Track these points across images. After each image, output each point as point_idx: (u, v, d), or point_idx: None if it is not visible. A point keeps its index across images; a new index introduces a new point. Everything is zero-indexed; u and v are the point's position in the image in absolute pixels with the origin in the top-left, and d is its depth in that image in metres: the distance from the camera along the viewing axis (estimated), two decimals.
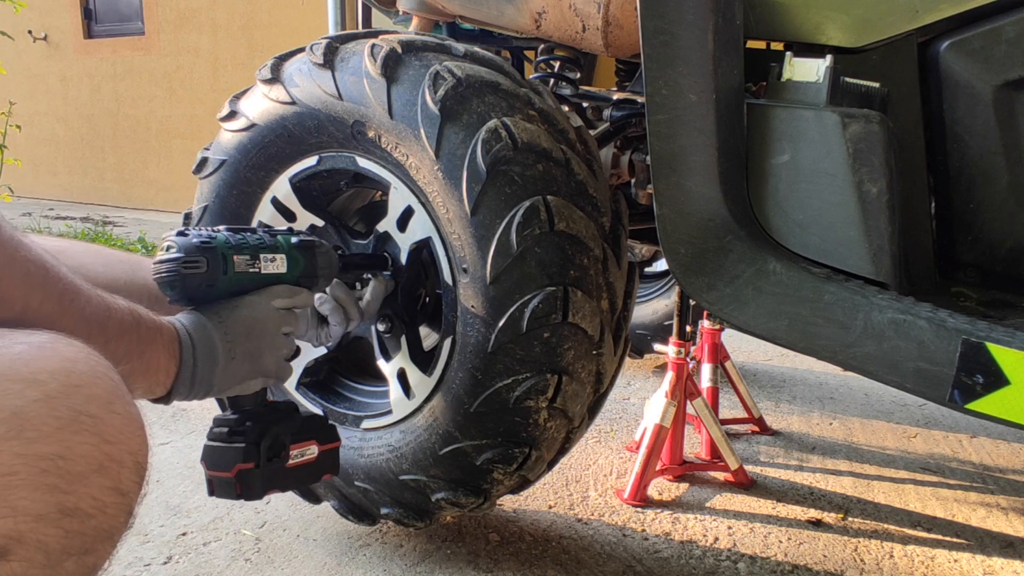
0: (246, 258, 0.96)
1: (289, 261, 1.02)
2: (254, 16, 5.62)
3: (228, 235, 0.96)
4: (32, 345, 0.61)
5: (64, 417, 0.59)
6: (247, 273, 0.96)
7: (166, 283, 0.90)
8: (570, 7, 1.35)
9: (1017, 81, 1.02)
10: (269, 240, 1.01)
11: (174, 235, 0.92)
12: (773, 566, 1.44)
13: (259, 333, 0.94)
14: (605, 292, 1.21)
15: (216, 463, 0.95)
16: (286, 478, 1.00)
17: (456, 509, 1.28)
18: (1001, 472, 1.87)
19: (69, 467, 0.59)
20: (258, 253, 0.98)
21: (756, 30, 1.12)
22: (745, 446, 1.97)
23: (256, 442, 0.95)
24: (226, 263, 0.93)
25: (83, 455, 0.60)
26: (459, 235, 1.16)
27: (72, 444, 0.59)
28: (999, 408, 0.92)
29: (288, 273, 1.01)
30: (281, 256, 1.01)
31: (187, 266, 0.89)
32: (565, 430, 1.25)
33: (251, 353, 0.93)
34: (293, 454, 0.99)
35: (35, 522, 0.57)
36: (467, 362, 1.18)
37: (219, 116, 1.41)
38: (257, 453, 0.95)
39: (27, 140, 6.26)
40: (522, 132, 1.15)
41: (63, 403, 0.59)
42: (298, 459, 1.00)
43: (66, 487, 0.59)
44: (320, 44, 1.26)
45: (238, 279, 0.95)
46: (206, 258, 0.91)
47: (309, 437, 1.03)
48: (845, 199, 1.04)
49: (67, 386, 0.60)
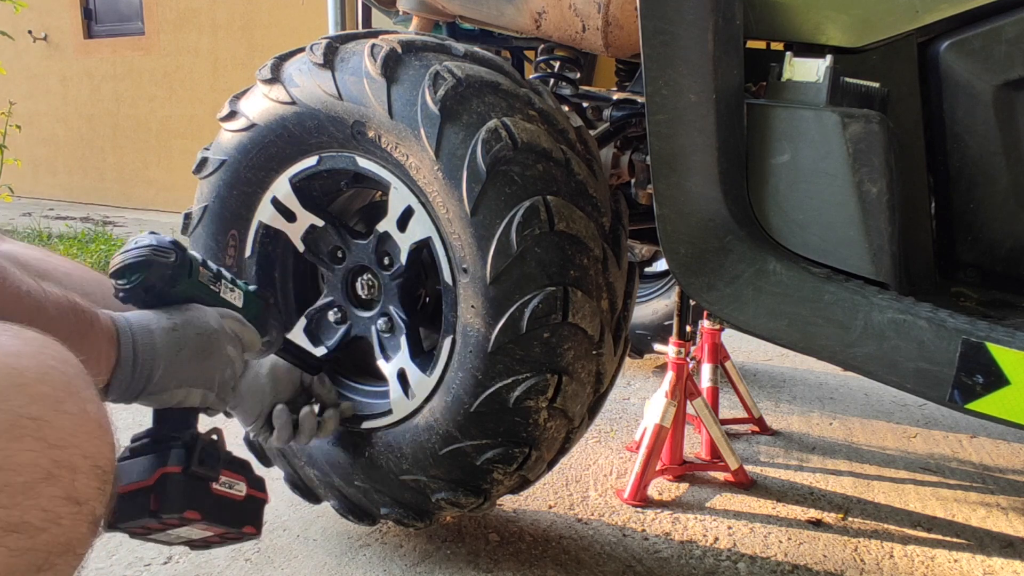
0: (210, 275, 0.97)
1: (246, 300, 1.03)
2: (254, 16, 5.62)
3: (196, 253, 0.97)
4: None
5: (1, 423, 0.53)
6: (207, 287, 0.96)
7: (130, 266, 0.87)
8: (570, 7, 1.35)
9: (1017, 81, 1.02)
10: (231, 276, 1.02)
11: (146, 233, 0.94)
12: (773, 566, 1.44)
13: (209, 337, 0.89)
14: (605, 292, 1.21)
15: (129, 476, 0.83)
16: (209, 502, 0.87)
17: (456, 509, 1.28)
18: (1001, 472, 1.86)
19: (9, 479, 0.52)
20: (220, 278, 0.99)
21: (756, 30, 1.12)
22: (745, 446, 1.97)
23: (189, 445, 0.86)
24: (192, 267, 0.93)
25: (26, 464, 0.53)
26: (459, 235, 1.16)
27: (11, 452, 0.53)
28: (999, 408, 0.92)
29: (244, 310, 1.01)
30: (240, 292, 1.02)
31: (157, 253, 0.89)
32: (565, 430, 1.25)
33: (198, 354, 0.87)
34: (222, 480, 0.89)
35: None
36: (467, 362, 1.18)
37: (219, 116, 1.41)
38: (188, 457, 0.85)
39: (27, 140, 6.26)
40: (522, 132, 1.15)
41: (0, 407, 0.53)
42: (225, 488, 0.90)
43: (7, 501, 0.52)
44: (320, 44, 1.26)
45: (198, 287, 0.94)
46: (176, 253, 0.91)
47: (240, 473, 0.93)
48: (845, 199, 1.04)
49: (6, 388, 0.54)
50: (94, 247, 4.20)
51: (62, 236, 4.59)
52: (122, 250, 0.91)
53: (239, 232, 1.42)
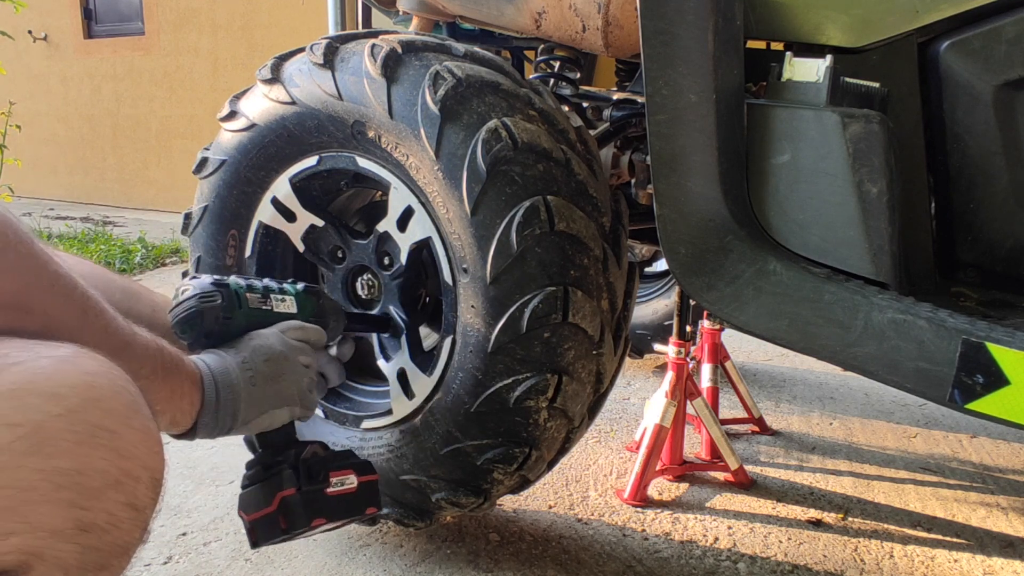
0: (258, 296, 0.99)
1: (299, 303, 1.05)
2: (254, 16, 5.62)
3: (237, 278, 0.99)
4: (54, 359, 0.61)
5: (82, 432, 0.59)
6: (260, 309, 0.99)
7: (185, 321, 0.92)
8: (570, 7, 1.35)
9: (1017, 81, 1.02)
10: (277, 286, 1.04)
11: (185, 281, 0.96)
12: (773, 566, 1.44)
13: (277, 359, 0.95)
14: (605, 292, 1.21)
15: (254, 503, 0.94)
16: (328, 505, 0.98)
17: (456, 509, 1.28)
18: (1001, 472, 1.86)
19: (86, 482, 0.59)
20: (268, 293, 1.01)
21: (756, 30, 1.12)
22: (745, 446, 1.97)
23: (294, 465, 0.95)
24: (239, 298, 0.96)
25: (100, 470, 0.60)
26: (459, 235, 1.16)
27: (90, 459, 0.59)
28: (999, 408, 0.92)
29: (299, 313, 1.04)
30: (291, 298, 1.04)
31: (204, 300, 0.92)
32: (565, 430, 1.25)
33: (271, 379, 0.93)
34: (333, 481, 0.98)
35: (53, 538, 0.57)
36: (467, 362, 1.18)
37: (219, 116, 1.41)
38: (297, 477, 0.94)
39: (27, 140, 6.26)
40: (522, 132, 1.15)
41: (82, 418, 0.59)
42: (338, 487, 0.99)
43: (83, 503, 0.58)
44: (320, 44, 1.26)
45: (252, 314, 0.97)
46: (221, 292, 0.94)
47: (347, 467, 1.02)
48: (845, 199, 1.04)
49: (86, 400, 0.60)
50: (94, 247, 4.20)
51: (62, 236, 4.59)
52: (173, 304, 0.94)
53: (239, 232, 1.42)
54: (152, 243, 4.42)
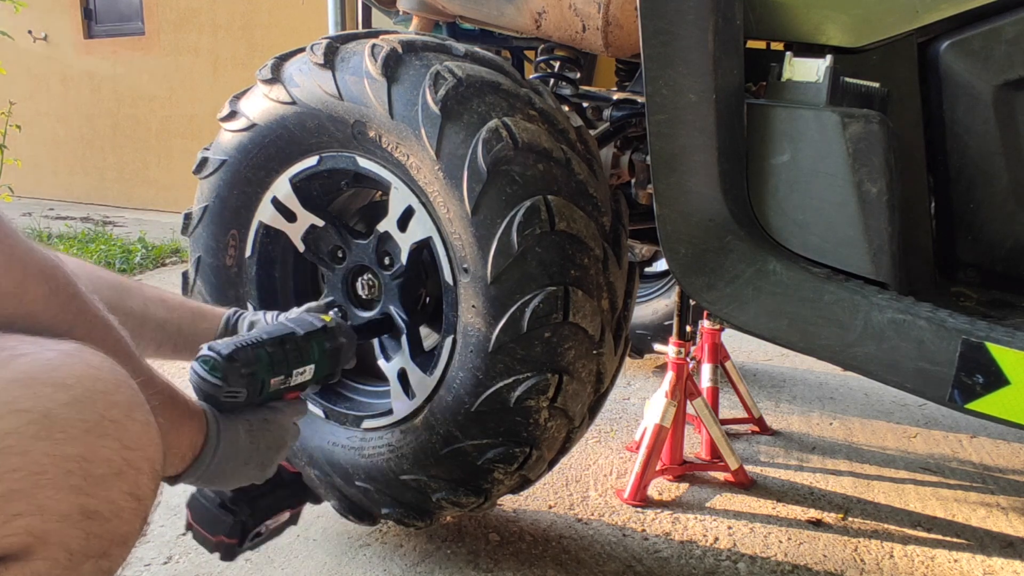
0: (281, 379, 0.98)
1: (317, 369, 1.04)
2: (254, 16, 5.62)
3: (271, 354, 0.96)
4: (60, 352, 0.63)
5: (90, 421, 0.60)
6: (278, 391, 0.99)
7: (204, 398, 0.92)
8: (570, 7, 1.35)
9: (1017, 81, 1.02)
10: (304, 352, 1.02)
11: (216, 353, 0.92)
12: (773, 566, 1.44)
13: (279, 446, 0.97)
14: (605, 292, 1.21)
15: (201, 519, 0.97)
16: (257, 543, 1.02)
17: (457, 509, 1.28)
18: (1001, 472, 1.87)
19: (93, 470, 0.60)
20: (292, 369, 1.00)
21: (756, 30, 1.12)
22: (745, 446, 1.97)
23: (244, 522, 0.97)
24: (263, 387, 0.95)
25: (106, 459, 0.61)
26: (460, 235, 1.16)
27: (96, 447, 0.60)
28: (999, 408, 0.92)
29: (312, 379, 1.04)
30: (311, 367, 1.03)
31: (228, 396, 0.91)
32: (566, 430, 1.25)
33: (263, 464, 0.95)
34: (268, 523, 1.01)
35: (59, 522, 0.58)
36: (468, 362, 1.18)
37: (219, 116, 1.41)
38: (242, 533, 0.97)
39: (27, 140, 6.25)
40: (523, 132, 1.15)
41: (89, 407, 0.61)
42: (272, 526, 1.03)
43: (89, 489, 0.60)
44: (321, 44, 1.26)
45: (270, 396, 0.97)
46: (247, 389, 0.93)
47: (287, 507, 1.04)
48: (845, 199, 1.04)
49: (93, 391, 0.61)
50: (94, 247, 4.20)
51: (62, 236, 4.59)
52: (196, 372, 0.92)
53: (239, 232, 1.42)
54: (152, 243, 4.42)
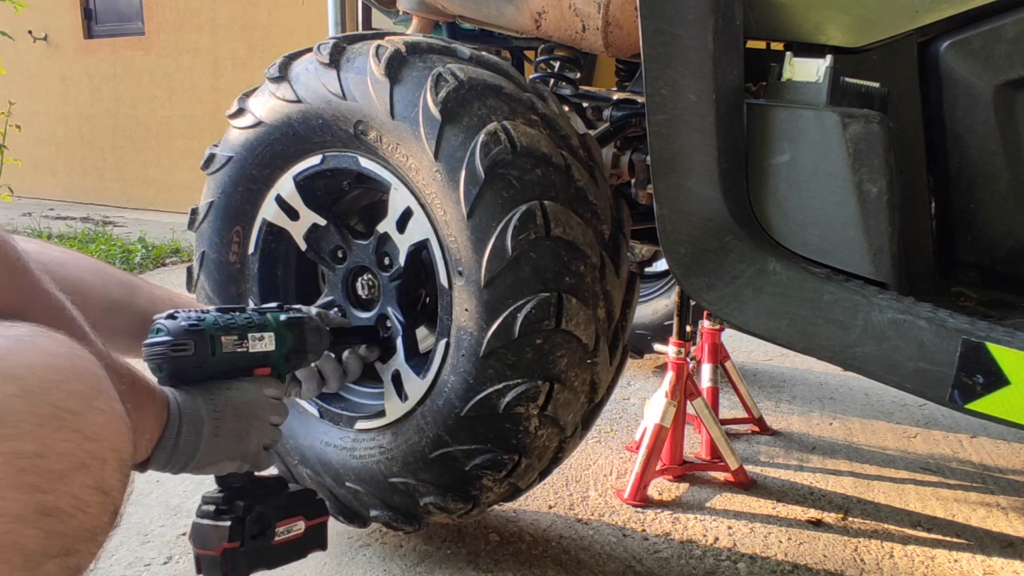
0: (234, 338, 0.96)
1: (278, 338, 1.02)
2: (254, 16, 5.62)
3: (217, 316, 0.96)
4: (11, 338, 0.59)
5: (44, 414, 0.57)
6: (235, 353, 0.96)
7: (154, 364, 0.91)
8: (570, 7, 1.35)
9: (1017, 81, 1.02)
10: (258, 319, 1.01)
11: (163, 318, 0.93)
12: (773, 566, 1.44)
13: (248, 416, 0.93)
14: (602, 300, 1.21)
15: (203, 541, 0.95)
16: (272, 556, 0.99)
17: (445, 514, 1.28)
18: (1001, 472, 1.87)
19: (49, 465, 0.57)
20: (246, 332, 0.98)
21: (756, 30, 1.12)
22: (745, 446, 1.97)
23: (241, 520, 0.95)
24: (214, 344, 0.94)
25: (63, 453, 0.58)
26: (456, 237, 1.16)
27: (52, 442, 0.57)
28: (999, 408, 0.92)
29: (276, 350, 1.02)
30: (270, 334, 1.01)
31: (175, 349, 0.90)
32: (557, 439, 1.24)
33: (237, 434, 0.92)
34: (279, 531, 0.99)
35: (12, 523, 0.55)
36: (460, 366, 1.18)
37: (227, 113, 1.42)
38: (242, 532, 0.94)
39: (27, 140, 6.25)
40: (522, 136, 1.14)
41: (43, 399, 0.57)
42: (284, 535, 1.00)
43: (45, 486, 0.57)
44: (327, 44, 1.27)
45: (226, 359, 0.95)
46: (194, 340, 0.92)
47: (296, 513, 1.02)
48: (845, 199, 1.04)
49: (47, 381, 0.58)
50: (94, 247, 4.20)
51: (62, 236, 4.59)
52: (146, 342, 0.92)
53: (243, 229, 1.43)
54: (152, 243, 4.42)
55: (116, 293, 1.00)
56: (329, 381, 1.24)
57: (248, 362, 0.98)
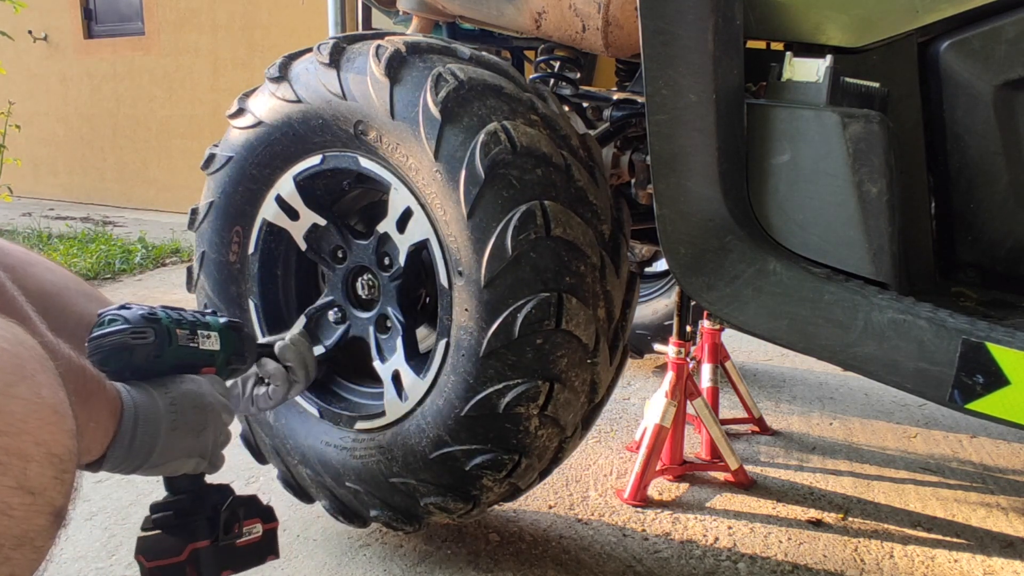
0: (187, 332, 0.95)
1: (222, 339, 1.01)
2: (254, 16, 5.62)
3: (167, 311, 0.95)
4: None
5: None
6: (188, 347, 0.94)
7: (111, 353, 0.87)
8: (570, 7, 1.35)
9: (1017, 81, 1.02)
10: (202, 319, 1.00)
11: (113, 310, 0.91)
12: (773, 566, 1.44)
13: (205, 410, 0.90)
14: (602, 300, 1.21)
15: (159, 551, 0.88)
16: (237, 558, 0.94)
17: (445, 514, 1.28)
18: (1001, 472, 1.87)
19: None
20: (196, 329, 0.97)
21: (756, 30, 1.12)
22: (745, 446, 1.97)
23: (212, 516, 0.90)
24: (170, 336, 0.92)
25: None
26: (456, 237, 1.16)
27: None
28: (999, 408, 0.92)
29: (222, 350, 1.00)
30: (215, 334, 1.00)
31: (135, 336, 0.87)
32: (557, 439, 1.24)
33: (194, 427, 0.88)
34: (244, 531, 0.94)
35: None
36: (460, 366, 1.18)
37: (228, 113, 1.42)
38: (212, 528, 0.90)
39: (27, 140, 6.25)
40: (522, 136, 1.14)
41: None
42: (247, 537, 0.95)
43: None
44: (327, 44, 1.27)
45: (180, 352, 0.93)
46: (153, 329, 0.89)
47: (254, 515, 0.98)
48: (845, 199, 1.04)
49: None
50: (94, 247, 4.20)
51: (62, 236, 4.59)
52: (95, 333, 0.88)
53: (243, 229, 1.43)
54: (152, 243, 4.42)
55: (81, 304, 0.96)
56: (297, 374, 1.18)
57: (198, 359, 0.96)
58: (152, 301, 1.26)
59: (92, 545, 1.44)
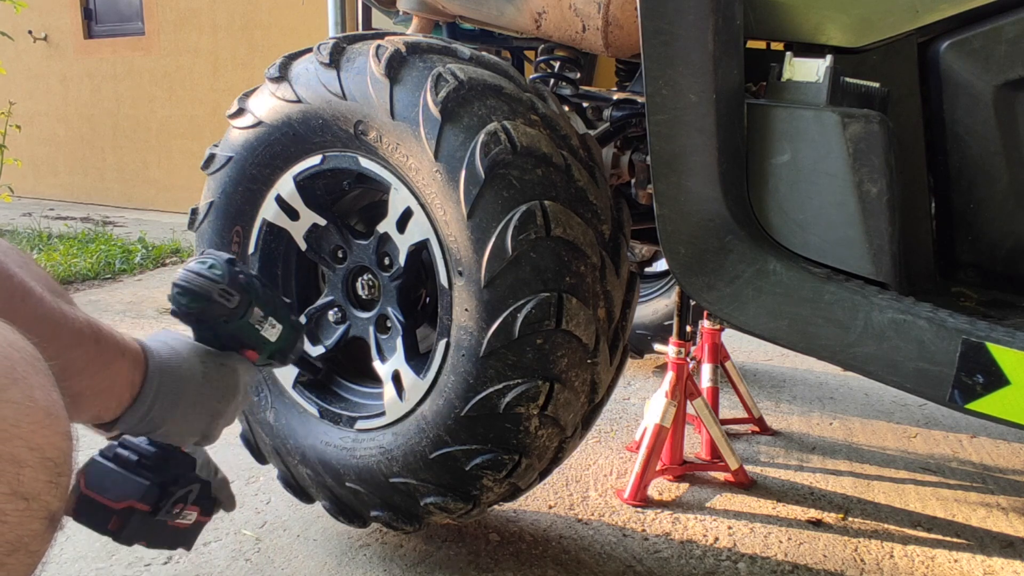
0: (262, 315, 0.94)
1: (282, 335, 0.99)
2: (254, 16, 5.62)
3: (263, 286, 0.93)
4: None
5: None
6: (252, 327, 0.93)
7: (191, 295, 0.86)
8: (570, 7, 1.35)
9: (1017, 81, 1.02)
10: (280, 308, 0.98)
11: (222, 260, 0.89)
12: (773, 566, 1.44)
13: (229, 399, 0.89)
14: (602, 300, 1.21)
15: (102, 486, 0.82)
16: (158, 535, 0.88)
17: (445, 514, 1.28)
18: (1001, 472, 1.87)
19: None
20: (269, 316, 0.95)
21: (756, 30, 1.12)
22: (745, 446, 1.97)
23: (166, 486, 0.84)
24: (248, 310, 0.91)
25: None
26: (456, 237, 1.16)
27: None
28: (999, 408, 0.92)
29: (275, 343, 0.98)
30: (279, 328, 0.98)
31: (222, 294, 0.86)
32: (557, 439, 1.24)
33: (212, 414, 0.87)
34: (179, 513, 0.89)
35: None
36: (459, 366, 1.18)
37: (228, 113, 1.42)
38: (160, 498, 0.84)
39: (27, 140, 6.25)
40: (522, 136, 1.14)
41: None
42: (180, 520, 0.89)
43: None
44: (327, 44, 1.27)
45: (244, 328, 0.92)
46: (239, 297, 0.88)
47: (197, 503, 0.92)
48: (845, 199, 1.04)
49: None
50: (94, 247, 4.20)
51: (62, 236, 4.59)
52: (190, 267, 0.87)
53: (243, 228, 1.43)
54: (152, 243, 4.42)
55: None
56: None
57: (251, 340, 0.95)
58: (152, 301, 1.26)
59: (92, 545, 1.44)
